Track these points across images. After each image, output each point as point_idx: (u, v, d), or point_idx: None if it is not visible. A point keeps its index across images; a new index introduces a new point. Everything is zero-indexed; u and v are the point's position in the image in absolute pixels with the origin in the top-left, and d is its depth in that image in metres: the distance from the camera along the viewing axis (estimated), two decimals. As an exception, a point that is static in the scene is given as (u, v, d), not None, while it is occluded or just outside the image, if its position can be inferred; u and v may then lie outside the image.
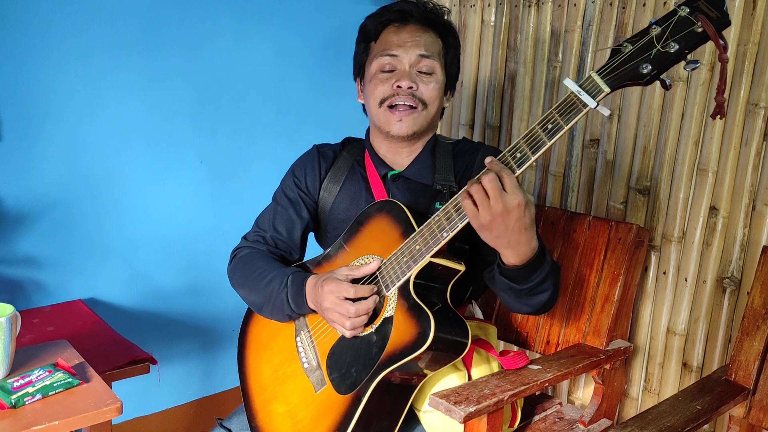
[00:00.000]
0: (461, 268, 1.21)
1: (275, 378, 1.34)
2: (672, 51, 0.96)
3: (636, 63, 0.98)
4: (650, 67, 0.97)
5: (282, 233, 1.43)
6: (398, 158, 1.40)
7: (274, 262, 1.38)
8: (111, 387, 1.25)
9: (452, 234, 1.11)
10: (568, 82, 1.01)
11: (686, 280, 1.71)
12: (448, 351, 1.17)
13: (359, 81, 1.44)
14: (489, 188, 1.03)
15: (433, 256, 1.15)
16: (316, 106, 2.20)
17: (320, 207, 1.44)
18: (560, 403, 1.62)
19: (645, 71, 0.98)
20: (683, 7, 0.96)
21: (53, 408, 1.09)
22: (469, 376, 1.31)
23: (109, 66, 1.77)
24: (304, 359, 1.30)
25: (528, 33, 2.00)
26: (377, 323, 1.20)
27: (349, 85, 1.48)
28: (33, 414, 1.07)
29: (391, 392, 1.20)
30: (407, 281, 1.17)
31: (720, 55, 0.96)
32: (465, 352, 1.19)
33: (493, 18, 2.09)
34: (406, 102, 1.31)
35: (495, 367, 1.36)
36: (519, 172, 1.05)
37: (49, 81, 1.69)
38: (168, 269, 1.99)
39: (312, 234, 1.51)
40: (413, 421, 1.32)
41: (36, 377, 1.14)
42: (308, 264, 1.42)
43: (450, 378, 1.28)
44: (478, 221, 1.05)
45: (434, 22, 1.37)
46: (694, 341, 1.72)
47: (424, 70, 1.33)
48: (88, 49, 1.73)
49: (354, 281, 1.23)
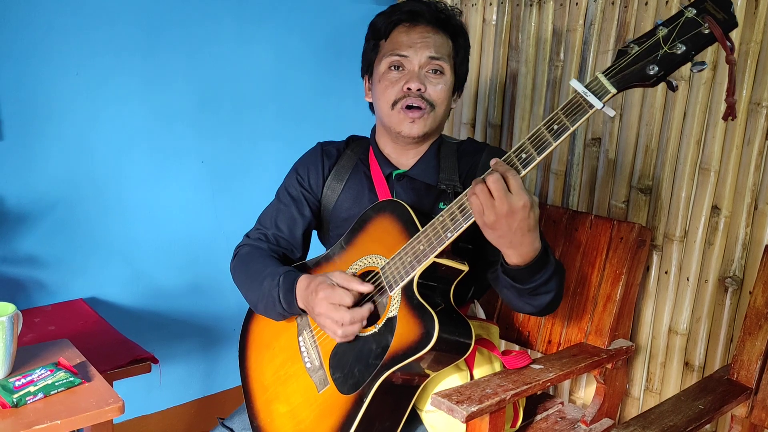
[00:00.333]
0: (465, 268, 1.20)
1: (277, 378, 1.33)
2: (679, 52, 0.96)
3: (643, 64, 0.98)
4: (657, 69, 0.97)
5: (284, 231, 1.43)
6: (403, 158, 1.40)
7: (271, 260, 1.37)
8: (112, 386, 1.25)
9: (456, 234, 1.11)
10: (575, 83, 1.01)
11: (688, 280, 1.72)
12: (452, 351, 1.17)
13: (367, 79, 1.43)
14: (494, 189, 1.03)
15: (437, 256, 1.15)
16: (317, 107, 2.20)
17: (323, 205, 1.44)
18: (562, 403, 1.62)
19: (652, 72, 0.97)
20: (690, 9, 0.96)
21: (55, 407, 1.09)
22: (472, 376, 1.31)
23: (111, 67, 1.77)
24: (307, 359, 1.30)
25: (530, 32, 1.99)
26: (380, 323, 1.20)
27: (350, 86, 1.47)
28: (34, 413, 1.07)
29: (394, 392, 1.19)
30: (411, 281, 1.17)
31: (727, 57, 0.96)
32: (468, 353, 1.19)
33: (495, 17, 2.09)
34: (414, 104, 1.31)
35: (497, 367, 1.36)
36: (524, 173, 1.05)
37: (52, 81, 1.69)
38: (169, 269, 1.99)
39: (315, 232, 1.51)
40: (416, 421, 1.32)
41: (37, 376, 1.14)
42: (308, 263, 1.42)
43: (452, 378, 1.28)
44: (482, 220, 1.05)
45: (445, 23, 1.35)
46: (696, 341, 1.72)
47: (433, 72, 1.32)
48: (90, 51, 1.73)
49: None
